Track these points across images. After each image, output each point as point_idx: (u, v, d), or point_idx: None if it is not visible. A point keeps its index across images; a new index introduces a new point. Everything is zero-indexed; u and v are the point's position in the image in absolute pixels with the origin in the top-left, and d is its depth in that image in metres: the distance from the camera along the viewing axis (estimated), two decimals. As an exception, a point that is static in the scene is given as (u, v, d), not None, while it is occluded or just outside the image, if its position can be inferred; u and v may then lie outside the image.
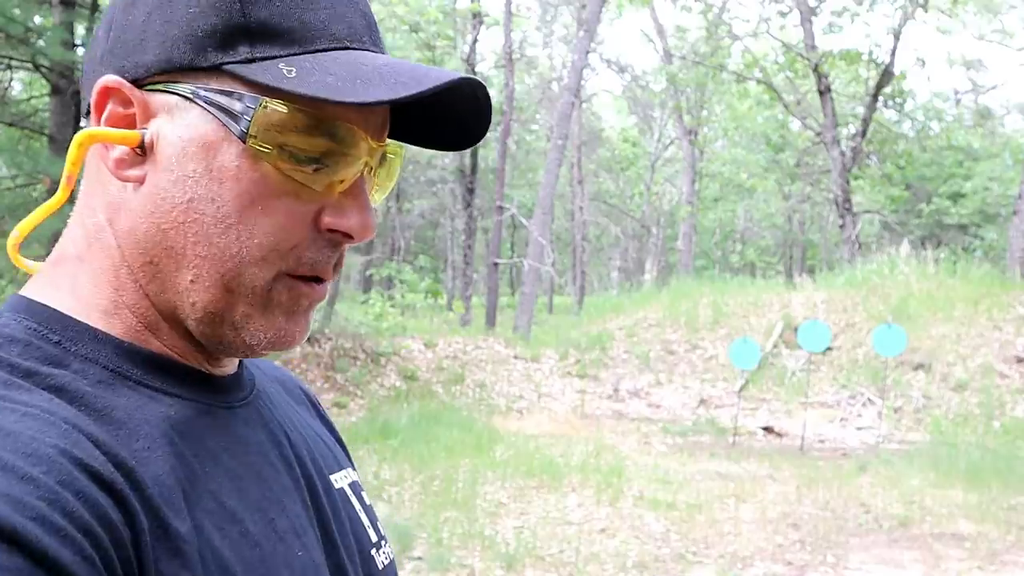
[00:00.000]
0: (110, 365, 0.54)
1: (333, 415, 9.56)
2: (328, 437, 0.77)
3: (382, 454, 7.54)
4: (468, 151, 19.84)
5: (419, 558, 5.04)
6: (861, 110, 20.20)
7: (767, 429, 10.10)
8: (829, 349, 11.81)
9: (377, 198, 0.62)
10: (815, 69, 18.89)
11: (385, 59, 0.56)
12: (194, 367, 0.59)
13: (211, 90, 0.53)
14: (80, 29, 7.88)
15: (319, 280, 0.58)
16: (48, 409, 0.48)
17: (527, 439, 8.75)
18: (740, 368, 10.89)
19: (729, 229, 34.51)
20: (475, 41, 19.68)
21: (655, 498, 6.56)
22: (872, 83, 19.51)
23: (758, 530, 5.89)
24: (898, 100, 20.56)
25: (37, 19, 7.72)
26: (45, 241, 6.85)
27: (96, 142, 0.54)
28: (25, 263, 0.62)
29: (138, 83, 0.54)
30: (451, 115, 0.61)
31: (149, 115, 0.54)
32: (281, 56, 0.53)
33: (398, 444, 7.84)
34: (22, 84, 12.67)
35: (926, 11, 19.32)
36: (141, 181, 0.54)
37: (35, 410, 0.48)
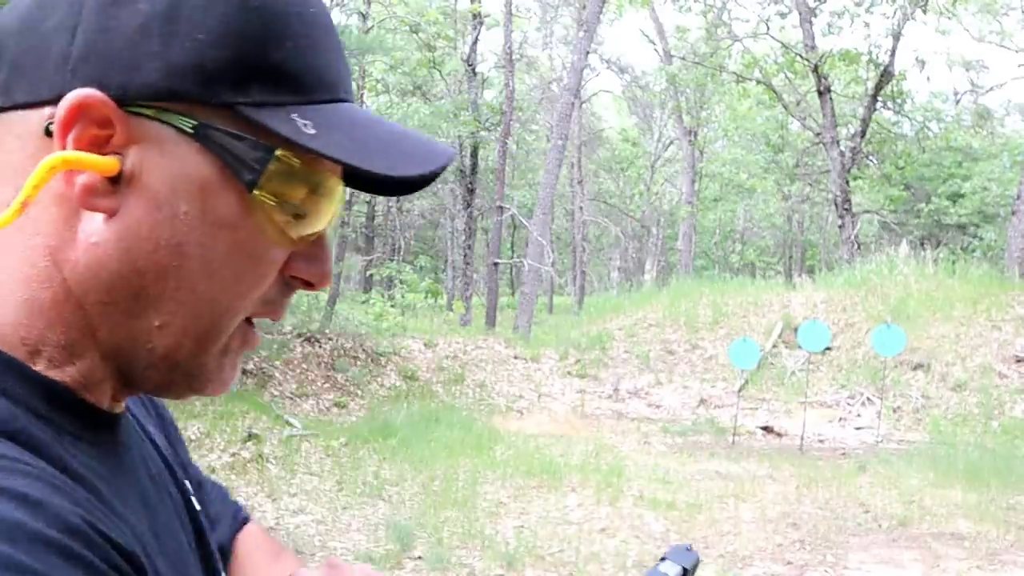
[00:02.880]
0: (41, 410, 0.49)
1: (333, 415, 9.59)
2: (169, 448, 0.72)
3: (382, 454, 7.55)
4: (469, 152, 19.87)
5: (419, 558, 5.05)
6: (860, 111, 20.22)
7: (766, 429, 10.11)
8: (828, 349, 11.82)
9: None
10: (815, 70, 18.90)
11: (373, 119, 0.54)
12: (96, 405, 0.54)
13: (218, 130, 0.49)
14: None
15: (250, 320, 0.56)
16: (50, 472, 0.45)
17: (527, 439, 8.76)
18: (740, 368, 10.91)
19: (729, 229, 34.53)
20: (475, 42, 19.69)
21: (655, 498, 6.57)
22: (871, 84, 19.53)
23: (758, 530, 5.90)
24: (897, 101, 20.58)
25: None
26: None
27: (70, 168, 0.47)
28: None
29: (121, 103, 0.48)
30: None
31: (129, 141, 0.48)
32: (286, 103, 0.50)
33: (398, 444, 7.85)
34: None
35: (925, 12, 19.33)
36: (113, 213, 0.48)
37: (40, 471, 0.44)
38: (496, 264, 17.91)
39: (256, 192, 0.50)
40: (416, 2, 20.11)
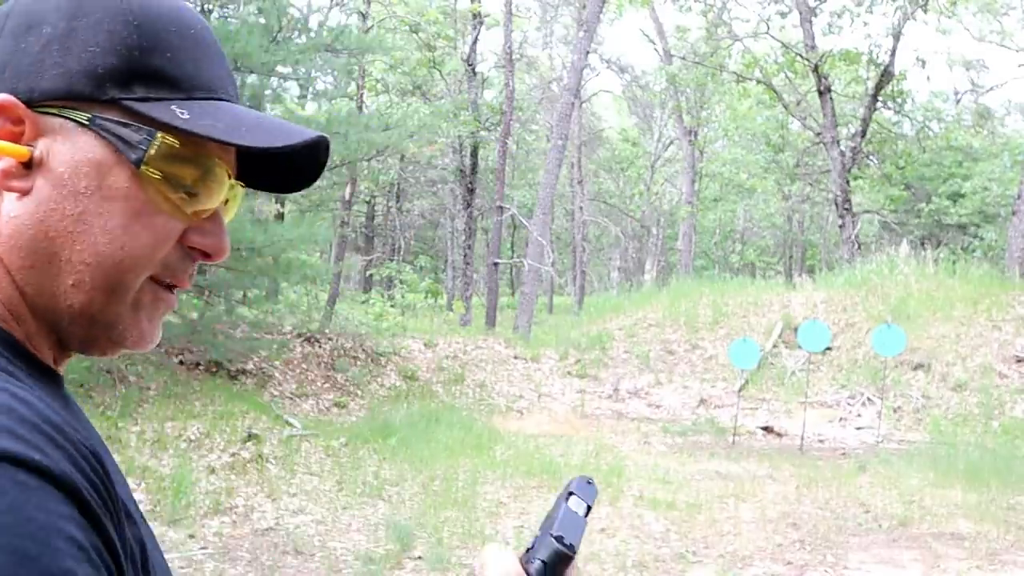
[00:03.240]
0: (2, 351, 0.59)
1: (333, 415, 9.59)
2: None
3: (382, 454, 7.55)
4: (469, 152, 19.86)
5: (419, 558, 5.05)
6: (861, 110, 20.21)
7: (767, 429, 10.11)
8: (828, 349, 11.82)
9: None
10: (815, 69, 18.90)
11: (252, 111, 0.67)
12: (46, 363, 0.64)
13: (109, 120, 0.61)
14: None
15: (172, 287, 0.67)
16: (25, 387, 0.55)
17: (527, 439, 8.75)
18: (740, 368, 10.90)
19: (729, 229, 34.53)
20: (475, 41, 19.69)
21: (655, 498, 6.56)
22: (872, 83, 19.52)
23: (758, 530, 5.89)
24: (898, 100, 20.56)
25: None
26: None
27: None
28: None
29: (29, 104, 0.60)
30: (291, 164, 0.71)
31: (38, 134, 0.60)
32: (168, 99, 0.63)
33: (398, 444, 7.85)
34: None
35: (925, 12, 19.32)
36: (26, 192, 0.60)
37: (21, 385, 0.54)
38: (496, 264, 17.91)
39: (143, 168, 0.61)
40: (416, 2, 20.10)
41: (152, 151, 0.61)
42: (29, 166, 0.60)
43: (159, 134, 0.61)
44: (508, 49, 18.37)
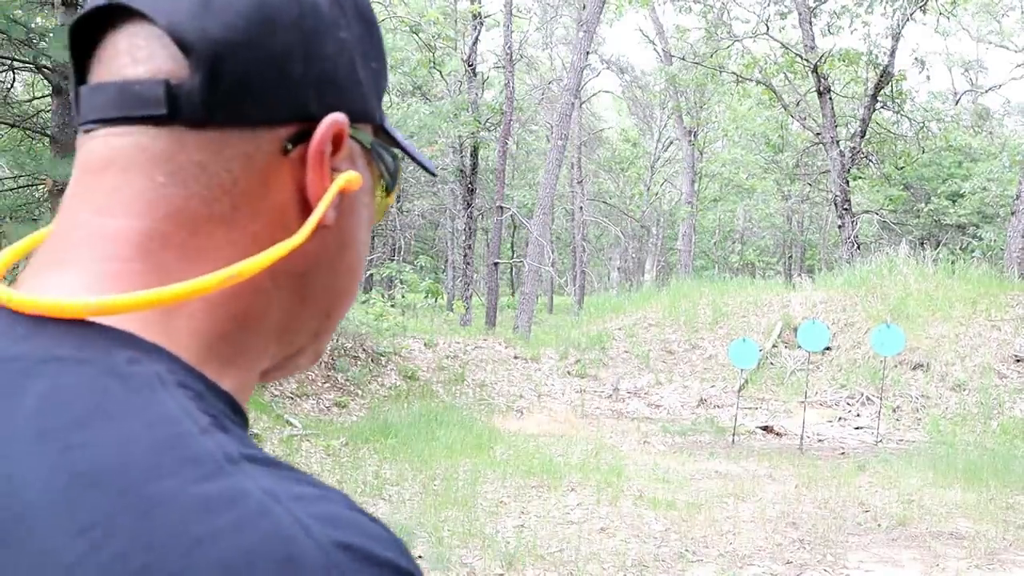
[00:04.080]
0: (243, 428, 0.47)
1: (334, 414, 9.60)
2: None
3: (382, 453, 7.56)
4: (469, 152, 19.89)
5: (419, 557, 5.06)
6: (860, 111, 20.23)
7: (766, 428, 10.12)
8: (828, 349, 11.84)
9: None
10: (814, 70, 18.91)
11: None
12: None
13: (381, 144, 0.56)
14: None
15: None
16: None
17: (527, 439, 8.76)
18: (739, 368, 10.92)
19: (728, 229, 34.56)
20: (475, 42, 19.71)
21: (654, 497, 6.57)
22: (871, 84, 19.54)
23: (757, 529, 5.91)
24: (897, 101, 20.59)
25: (39, 20, 7.76)
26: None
27: (350, 186, 0.50)
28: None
29: None
30: None
31: (343, 158, 0.51)
32: (383, 117, 0.57)
33: (398, 443, 7.86)
34: (24, 85, 12.72)
35: (925, 12, 19.34)
36: (328, 225, 0.50)
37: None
38: (496, 264, 17.93)
39: (392, 191, 0.58)
40: (416, 2, 20.12)
41: (397, 174, 0.58)
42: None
43: (399, 155, 0.58)
44: (508, 49, 18.39)
